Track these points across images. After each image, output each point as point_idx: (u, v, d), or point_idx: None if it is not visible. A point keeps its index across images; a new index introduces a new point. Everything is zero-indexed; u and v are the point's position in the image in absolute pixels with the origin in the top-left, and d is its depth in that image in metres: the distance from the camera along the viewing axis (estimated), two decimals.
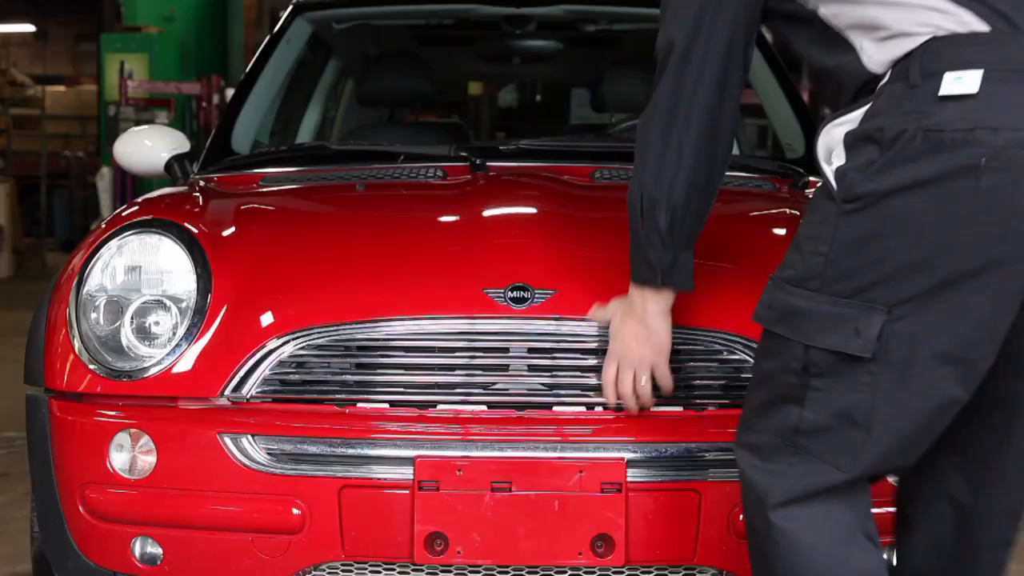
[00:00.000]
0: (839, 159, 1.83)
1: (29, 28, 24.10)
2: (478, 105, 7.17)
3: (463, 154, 3.08)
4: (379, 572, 2.31)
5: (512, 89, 6.96)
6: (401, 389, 2.33)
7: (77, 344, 2.43)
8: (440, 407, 2.34)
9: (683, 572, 2.31)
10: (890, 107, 1.79)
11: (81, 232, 13.72)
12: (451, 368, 2.34)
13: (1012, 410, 1.96)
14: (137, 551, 2.37)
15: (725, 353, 2.33)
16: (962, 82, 1.73)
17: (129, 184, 10.21)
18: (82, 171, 15.43)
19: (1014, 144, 1.71)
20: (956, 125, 1.72)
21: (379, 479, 2.27)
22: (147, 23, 12.36)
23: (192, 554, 2.34)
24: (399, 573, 2.30)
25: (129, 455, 2.34)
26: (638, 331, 2.20)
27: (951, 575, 2.09)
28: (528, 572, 2.28)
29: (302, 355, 2.34)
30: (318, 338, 2.34)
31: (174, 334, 2.40)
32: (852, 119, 1.84)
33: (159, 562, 2.36)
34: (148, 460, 2.33)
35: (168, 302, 2.43)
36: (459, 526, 2.23)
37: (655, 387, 2.27)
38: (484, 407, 2.35)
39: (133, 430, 2.33)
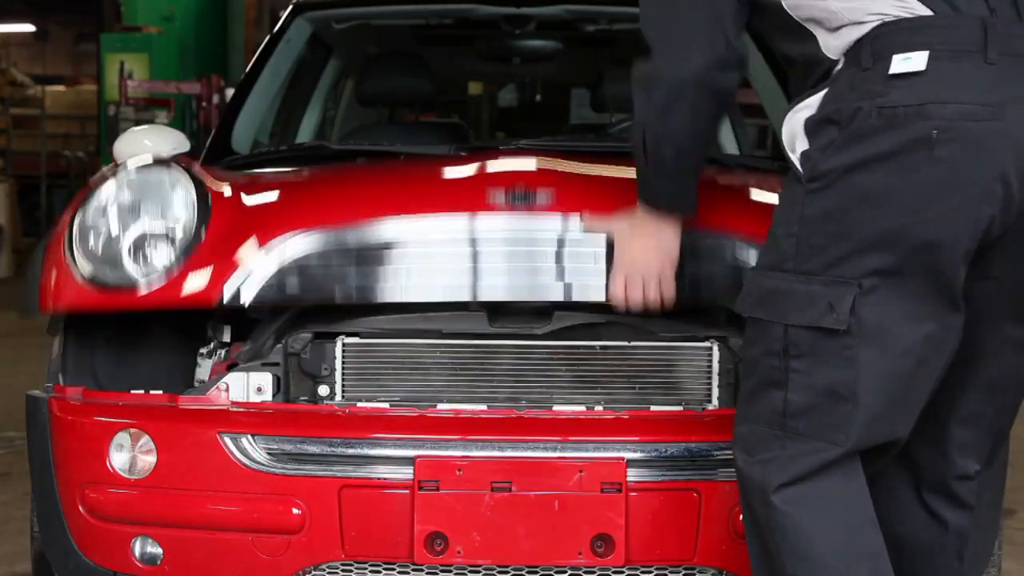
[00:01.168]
0: (802, 145, 1.92)
1: (29, 28, 24.11)
2: (478, 105, 7.17)
3: (463, 154, 3.08)
4: (379, 572, 2.31)
5: (512, 89, 6.97)
6: (401, 290, 2.33)
7: (75, 268, 2.42)
8: (440, 406, 2.35)
9: (683, 572, 2.31)
10: (845, 90, 1.88)
11: None
12: (452, 266, 2.33)
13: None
14: (137, 551, 2.37)
15: (729, 257, 2.34)
16: (910, 62, 1.83)
17: None
18: (82, 171, 15.44)
19: (963, 116, 1.80)
20: (908, 101, 1.82)
21: (379, 479, 2.27)
22: (147, 23, 12.37)
23: (192, 554, 2.34)
24: (399, 573, 2.30)
25: (129, 455, 2.34)
26: (647, 242, 2.22)
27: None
28: (528, 572, 2.28)
29: (302, 259, 2.34)
30: (318, 243, 2.34)
31: (173, 255, 2.39)
32: (811, 104, 1.93)
33: (159, 562, 2.36)
34: (148, 460, 2.33)
35: (167, 230, 2.42)
36: (459, 526, 2.23)
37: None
38: (484, 406, 2.36)
39: (133, 430, 2.33)
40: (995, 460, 2.14)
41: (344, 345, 2.40)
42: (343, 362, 2.40)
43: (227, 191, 2.52)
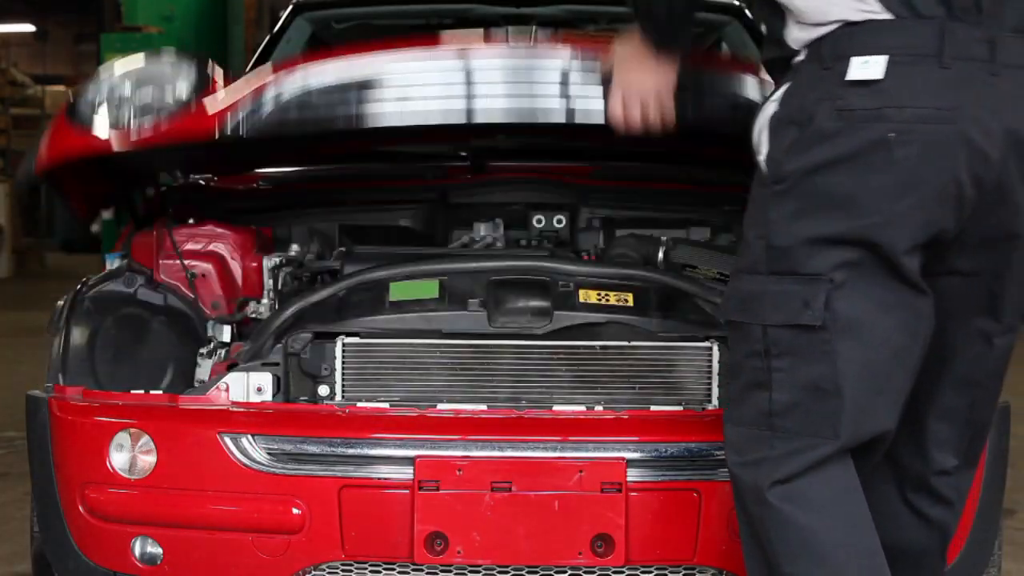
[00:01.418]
0: (766, 146, 1.96)
1: (29, 28, 24.10)
2: None
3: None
4: (379, 572, 2.31)
5: None
6: (400, 115, 2.35)
7: (71, 125, 2.43)
8: (440, 406, 2.35)
9: (683, 572, 2.31)
10: (806, 89, 1.93)
11: (81, 232, 13.68)
12: (451, 92, 2.35)
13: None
14: (137, 551, 2.37)
15: (727, 88, 2.37)
16: (868, 67, 1.87)
17: None
18: None
19: (919, 119, 1.85)
20: (866, 104, 1.87)
21: (379, 479, 2.27)
22: (147, 23, 12.35)
23: (192, 554, 2.34)
24: (399, 573, 2.30)
25: (129, 455, 2.34)
26: (643, 63, 2.22)
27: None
28: (528, 572, 2.28)
29: (302, 90, 2.36)
30: (318, 75, 2.36)
31: (173, 104, 2.41)
32: (777, 98, 1.98)
33: (159, 562, 2.36)
34: (148, 460, 2.33)
35: (168, 90, 2.43)
36: (459, 526, 2.23)
37: None
38: (484, 406, 2.36)
39: (133, 430, 2.33)
40: (974, 457, 2.16)
41: (344, 345, 2.40)
42: (343, 362, 2.40)
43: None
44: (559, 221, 2.91)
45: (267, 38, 3.92)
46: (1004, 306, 2.01)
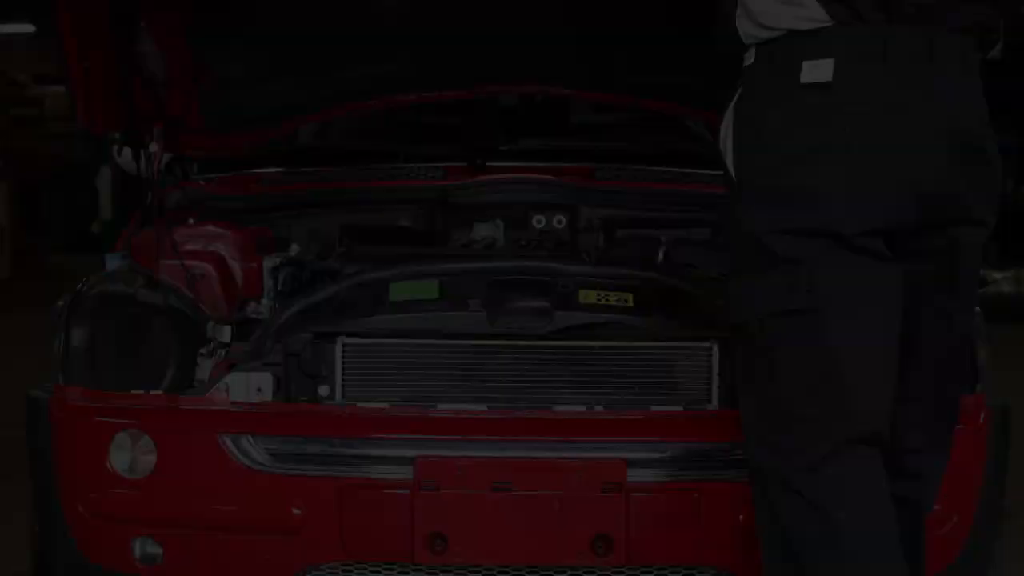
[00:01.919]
0: (731, 150, 2.03)
1: (29, 28, 24.11)
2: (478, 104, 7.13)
3: (463, 153, 3.08)
4: (379, 572, 2.31)
5: None
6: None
7: None
8: (440, 406, 2.35)
9: (683, 572, 2.31)
10: (760, 92, 2.00)
11: (81, 232, 13.71)
12: None
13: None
14: (137, 551, 2.37)
15: None
16: (818, 70, 1.96)
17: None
18: (82, 172, 15.44)
19: (870, 115, 1.94)
20: (820, 105, 1.94)
21: (379, 479, 2.27)
22: None
23: (192, 554, 2.34)
24: (399, 573, 2.30)
25: (129, 455, 2.34)
26: None
27: None
28: (528, 572, 2.28)
29: None
30: None
31: None
32: (733, 104, 2.04)
33: (159, 562, 2.36)
34: (148, 460, 2.33)
35: None
36: (459, 526, 2.23)
37: None
38: (484, 406, 2.36)
39: (133, 430, 2.33)
40: (945, 441, 2.18)
41: (344, 345, 2.40)
42: (343, 362, 2.40)
43: None
44: (559, 221, 2.91)
45: None
46: (960, 284, 2.08)
